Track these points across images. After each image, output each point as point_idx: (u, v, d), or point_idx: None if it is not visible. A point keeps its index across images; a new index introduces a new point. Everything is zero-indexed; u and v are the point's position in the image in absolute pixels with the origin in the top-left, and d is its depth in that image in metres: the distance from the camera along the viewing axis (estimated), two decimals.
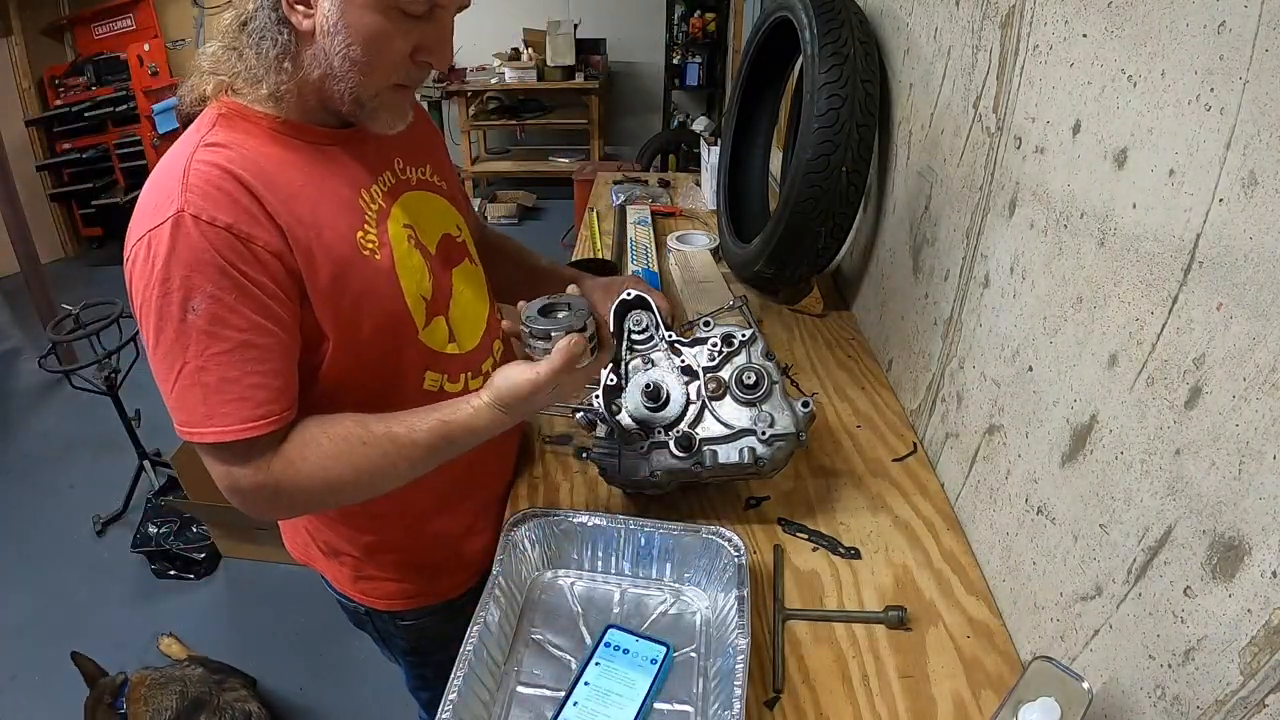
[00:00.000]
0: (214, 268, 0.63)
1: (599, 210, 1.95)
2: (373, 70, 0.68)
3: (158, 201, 0.64)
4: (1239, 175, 0.47)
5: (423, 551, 0.91)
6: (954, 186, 0.96)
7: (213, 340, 0.64)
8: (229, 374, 0.64)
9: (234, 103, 0.70)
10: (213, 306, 0.63)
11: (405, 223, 0.79)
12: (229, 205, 0.64)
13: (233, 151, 0.67)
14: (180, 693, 1.47)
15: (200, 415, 0.65)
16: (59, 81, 4.23)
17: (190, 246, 0.62)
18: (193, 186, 0.63)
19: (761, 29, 1.46)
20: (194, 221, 0.62)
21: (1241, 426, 0.47)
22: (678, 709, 0.69)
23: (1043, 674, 0.57)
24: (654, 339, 0.90)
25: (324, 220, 0.70)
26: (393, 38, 0.67)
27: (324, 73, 0.68)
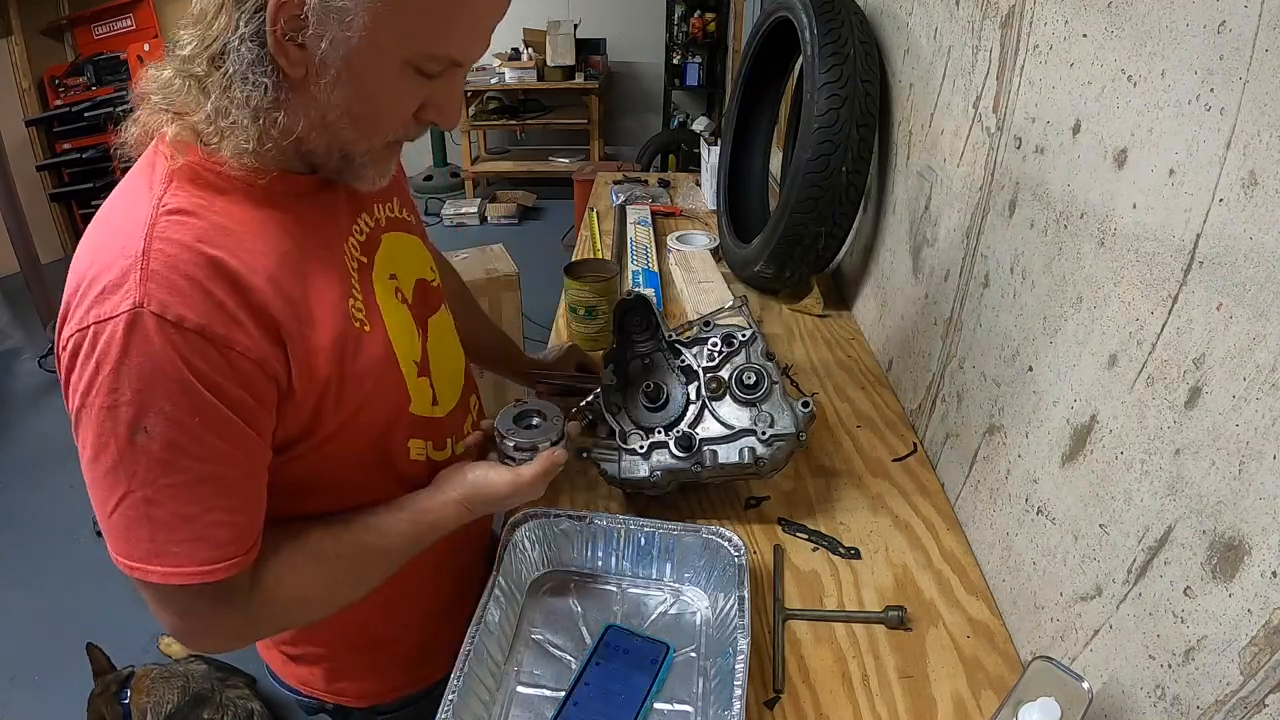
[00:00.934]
0: (176, 383, 0.50)
1: (599, 210, 1.95)
2: (375, 129, 0.59)
3: (107, 282, 0.50)
4: (1239, 175, 0.47)
5: (407, 638, 0.83)
6: (954, 186, 0.96)
7: (167, 470, 0.52)
8: (185, 510, 0.53)
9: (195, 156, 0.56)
10: (170, 431, 0.51)
11: (389, 273, 0.69)
12: (201, 300, 0.51)
13: (201, 222, 0.54)
14: (182, 687, 1.48)
15: (144, 550, 0.53)
16: (59, 81, 4.23)
17: (148, 354, 0.49)
18: (154, 274, 0.50)
19: (761, 29, 1.46)
20: (156, 323, 0.49)
21: (1241, 426, 0.47)
22: (678, 709, 0.69)
23: (1043, 674, 0.57)
24: (654, 339, 0.90)
25: (314, 296, 0.59)
26: (403, 98, 0.57)
27: (311, 125, 0.56)
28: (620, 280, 1.43)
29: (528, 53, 4.88)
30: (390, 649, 0.83)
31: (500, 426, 0.73)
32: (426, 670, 0.85)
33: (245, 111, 0.54)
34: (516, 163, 5.26)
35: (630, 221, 1.80)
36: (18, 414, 2.97)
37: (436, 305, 0.78)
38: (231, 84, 0.54)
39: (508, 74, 4.78)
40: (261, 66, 0.53)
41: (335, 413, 0.62)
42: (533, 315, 2.52)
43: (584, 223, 1.90)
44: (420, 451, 0.74)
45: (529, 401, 0.77)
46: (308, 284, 0.59)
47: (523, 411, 0.75)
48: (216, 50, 0.53)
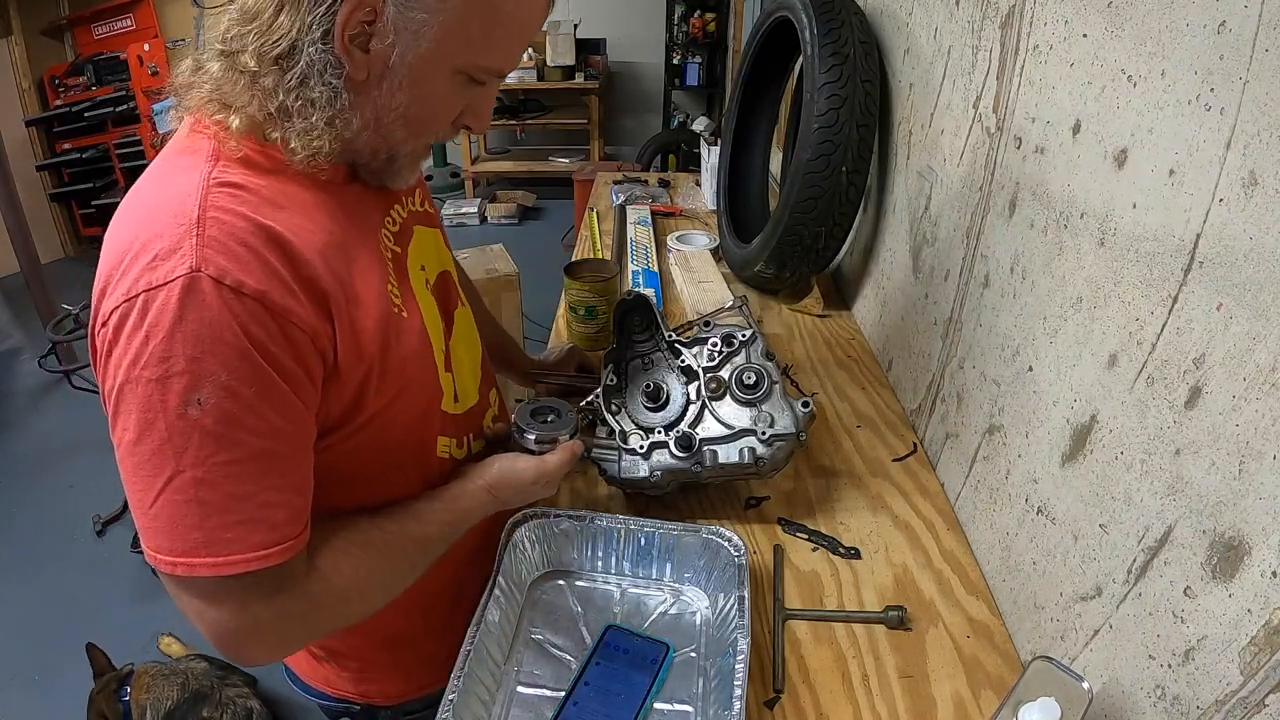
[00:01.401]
0: (234, 350, 0.49)
1: (599, 210, 1.95)
2: (422, 131, 0.61)
3: (156, 250, 0.48)
4: (1239, 175, 0.47)
5: (432, 637, 0.81)
6: (954, 186, 0.96)
7: (220, 446, 0.49)
8: (238, 489, 0.50)
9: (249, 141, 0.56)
10: (225, 403, 0.49)
11: (420, 264, 0.70)
12: (260, 268, 0.50)
13: (253, 196, 0.53)
14: (182, 684, 1.49)
15: (193, 541, 0.50)
16: (59, 81, 4.23)
17: (206, 320, 0.48)
18: (211, 239, 0.49)
19: (761, 29, 1.46)
20: (214, 287, 0.48)
21: (1241, 426, 0.47)
22: (678, 709, 0.69)
23: (1043, 674, 0.57)
24: (654, 339, 0.90)
25: (359, 277, 0.59)
26: (452, 102, 0.60)
27: (364, 125, 0.58)
28: (620, 280, 1.43)
29: (528, 53, 4.88)
30: (416, 648, 0.83)
31: (519, 422, 0.77)
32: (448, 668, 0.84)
33: (319, 112, 0.55)
34: (516, 163, 5.27)
35: (630, 221, 1.80)
36: (18, 414, 2.97)
37: (456, 301, 0.79)
38: (305, 84, 0.54)
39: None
40: (335, 69, 0.54)
41: (376, 396, 0.61)
42: (533, 315, 2.53)
43: (584, 223, 1.90)
44: (446, 449, 0.74)
45: (541, 400, 0.81)
46: (353, 265, 0.59)
47: (537, 408, 0.79)
48: (282, 50, 0.53)
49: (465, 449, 0.78)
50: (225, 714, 1.48)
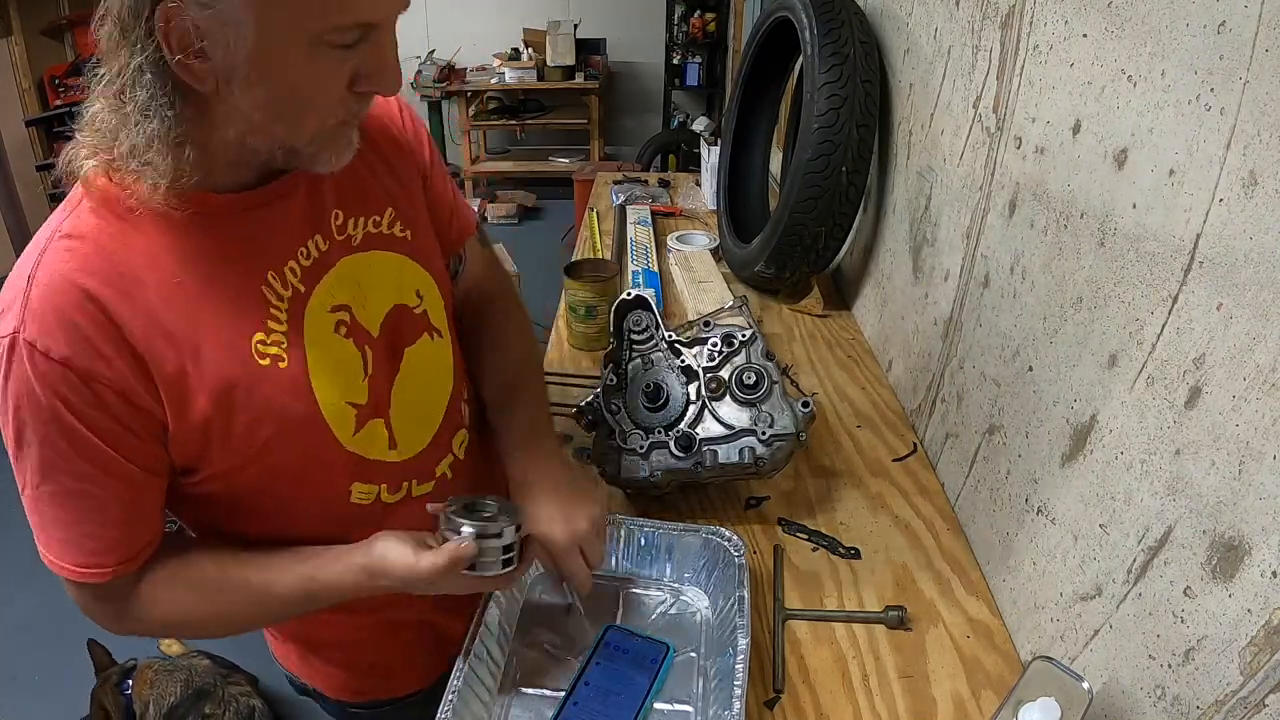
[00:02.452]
0: (45, 409, 0.53)
1: (599, 210, 1.95)
2: (306, 116, 0.55)
3: (6, 304, 0.54)
4: (1239, 175, 0.47)
5: (371, 649, 0.81)
6: (954, 186, 0.96)
7: (45, 478, 0.56)
8: (60, 516, 0.58)
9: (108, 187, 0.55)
10: (43, 449, 0.55)
11: (336, 304, 0.65)
12: (68, 332, 0.52)
13: (88, 248, 0.54)
14: (185, 681, 1.49)
15: (43, 540, 0.59)
16: (59, 81, 4.23)
17: (21, 378, 0.53)
18: (32, 303, 0.52)
19: (761, 29, 1.46)
20: (28, 349, 0.52)
21: (1241, 426, 0.47)
22: (678, 709, 0.69)
23: (1043, 674, 0.57)
24: (654, 339, 0.90)
25: (205, 330, 0.57)
26: (325, 76, 0.53)
27: (241, 132, 0.54)
28: (620, 280, 1.43)
29: (528, 53, 4.88)
30: (346, 653, 0.81)
31: (450, 501, 0.66)
32: (389, 683, 0.84)
33: (158, 147, 0.52)
34: (516, 163, 5.27)
35: (630, 221, 1.80)
36: None
37: (417, 334, 0.72)
38: (141, 119, 0.51)
39: (508, 74, 4.79)
40: (165, 95, 0.51)
41: (224, 453, 0.60)
42: (533, 315, 2.52)
43: (584, 223, 1.90)
44: (366, 495, 0.69)
45: (493, 498, 0.68)
46: (200, 319, 0.57)
47: (479, 503, 0.67)
48: (126, 83, 0.51)
49: (403, 493, 0.72)
50: (227, 711, 1.48)
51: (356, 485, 0.69)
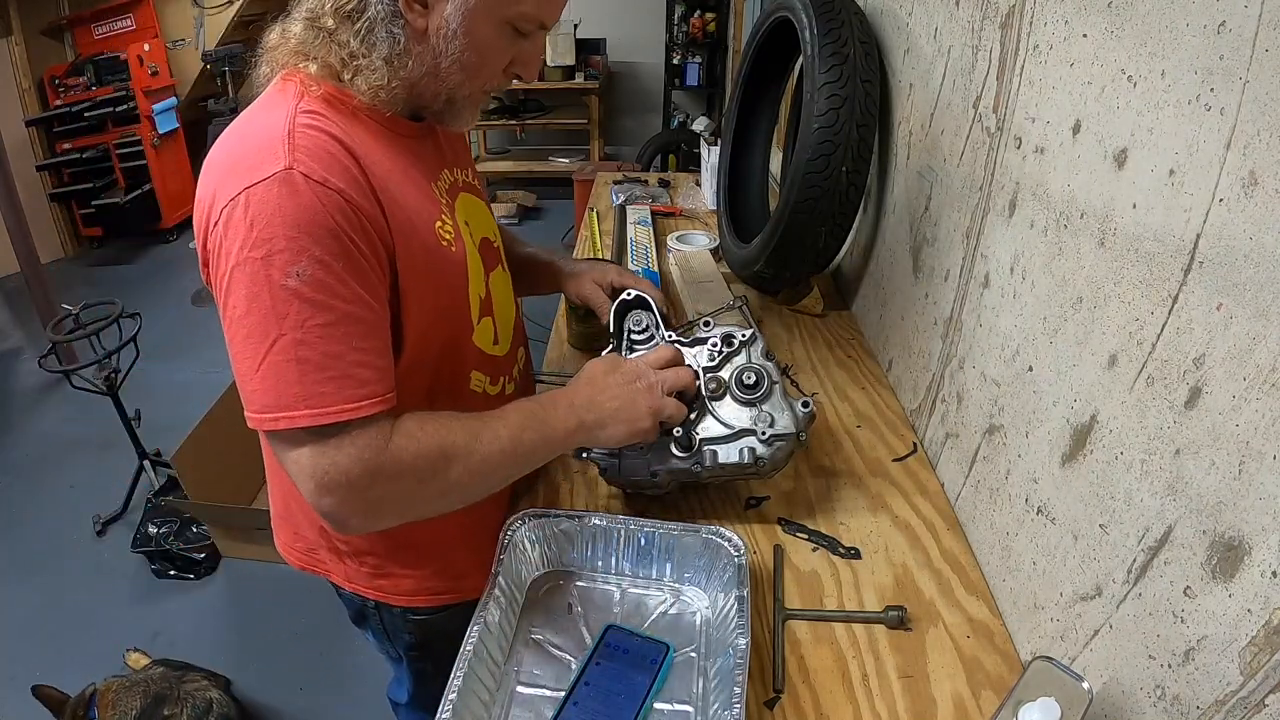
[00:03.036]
0: (326, 230, 0.59)
1: (599, 210, 1.95)
2: (476, 77, 0.70)
3: (254, 160, 0.59)
4: (1239, 175, 0.47)
5: (450, 548, 0.88)
6: (954, 186, 0.96)
7: (316, 310, 0.59)
8: (332, 349, 0.59)
9: (329, 88, 0.67)
10: (320, 273, 0.58)
11: (465, 219, 0.80)
12: (341, 170, 0.61)
13: (331, 123, 0.64)
14: (144, 692, 1.53)
15: (293, 395, 0.59)
16: (59, 81, 4.23)
17: (301, 206, 0.58)
18: (301, 146, 0.60)
19: (761, 29, 1.46)
20: (305, 180, 0.58)
21: (1241, 426, 0.47)
22: (678, 709, 0.69)
23: (1043, 674, 0.57)
24: (654, 339, 0.90)
25: (412, 204, 0.69)
26: (502, 51, 0.70)
27: (426, 72, 0.69)
28: None
29: None
30: (428, 556, 0.88)
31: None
32: (461, 584, 0.89)
33: (380, 56, 0.66)
34: (516, 163, 5.26)
35: (630, 221, 1.80)
36: (18, 414, 2.97)
37: (496, 263, 0.87)
38: (370, 34, 0.65)
39: None
40: (395, 20, 0.66)
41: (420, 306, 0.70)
42: (533, 315, 2.52)
43: (584, 223, 1.90)
44: (480, 384, 0.82)
45: None
46: (408, 196, 0.69)
47: None
48: (355, 7, 0.65)
49: (500, 388, 0.86)
50: (184, 709, 1.51)
51: (475, 373, 0.81)
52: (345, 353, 0.60)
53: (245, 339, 0.59)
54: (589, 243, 1.77)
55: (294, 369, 0.58)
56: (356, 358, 0.61)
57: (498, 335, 0.84)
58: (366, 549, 0.87)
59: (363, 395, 0.61)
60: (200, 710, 1.51)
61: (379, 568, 0.88)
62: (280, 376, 0.59)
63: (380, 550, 0.87)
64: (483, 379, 0.83)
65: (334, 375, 0.59)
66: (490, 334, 0.83)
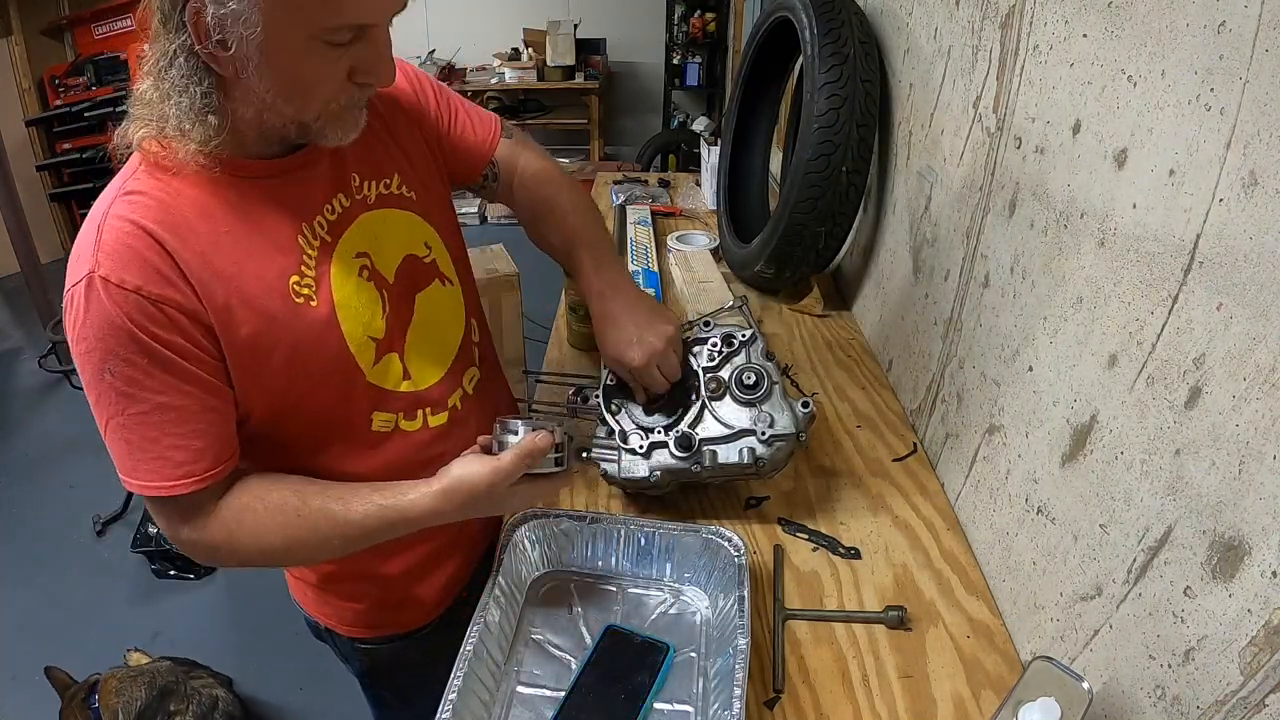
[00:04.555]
0: (124, 333, 0.61)
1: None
2: (309, 102, 0.64)
3: (78, 255, 0.62)
4: (1239, 175, 0.47)
5: (381, 587, 0.87)
6: (954, 186, 0.96)
7: (130, 401, 0.63)
8: (147, 434, 0.64)
9: (159, 151, 0.64)
10: (127, 370, 0.62)
11: (359, 251, 0.74)
12: (138, 265, 0.61)
13: (150, 200, 0.63)
14: (149, 684, 1.53)
15: (128, 467, 0.65)
16: (59, 81, 4.23)
17: (100, 311, 0.60)
18: (104, 245, 0.61)
19: (761, 29, 1.46)
20: (103, 285, 0.60)
21: (1241, 426, 0.47)
22: (678, 709, 0.69)
23: (1043, 674, 0.57)
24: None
25: (248, 271, 0.66)
26: (323, 69, 0.62)
27: (259, 109, 0.64)
28: None
29: (528, 53, 4.89)
30: (365, 590, 0.88)
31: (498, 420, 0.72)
32: (403, 618, 0.90)
33: (191, 115, 0.62)
34: None
35: (630, 221, 1.80)
36: (18, 414, 2.97)
37: (428, 281, 0.82)
38: (180, 94, 0.62)
39: (508, 74, 4.79)
40: (195, 75, 0.61)
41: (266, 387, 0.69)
42: (533, 315, 2.52)
43: None
44: (386, 423, 0.78)
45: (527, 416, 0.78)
46: (243, 261, 0.66)
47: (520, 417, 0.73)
48: (163, 66, 0.62)
49: (420, 421, 0.80)
50: (191, 705, 1.51)
51: (376, 414, 0.77)
52: (160, 438, 0.64)
53: (94, 411, 0.65)
54: None
55: (123, 447, 0.65)
56: (171, 441, 0.64)
57: (408, 370, 0.78)
58: (304, 573, 0.88)
59: (179, 475, 0.65)
60: (206, 707, 1.51)
61: (321, 593, 0.89)
62: (116, 449, 0.65)
63: (315, 578, 0.88)
64: (389, 417, 0.78)
65: (151, 457, 0.64)
66: (396, 370, 0.77)
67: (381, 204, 0.78)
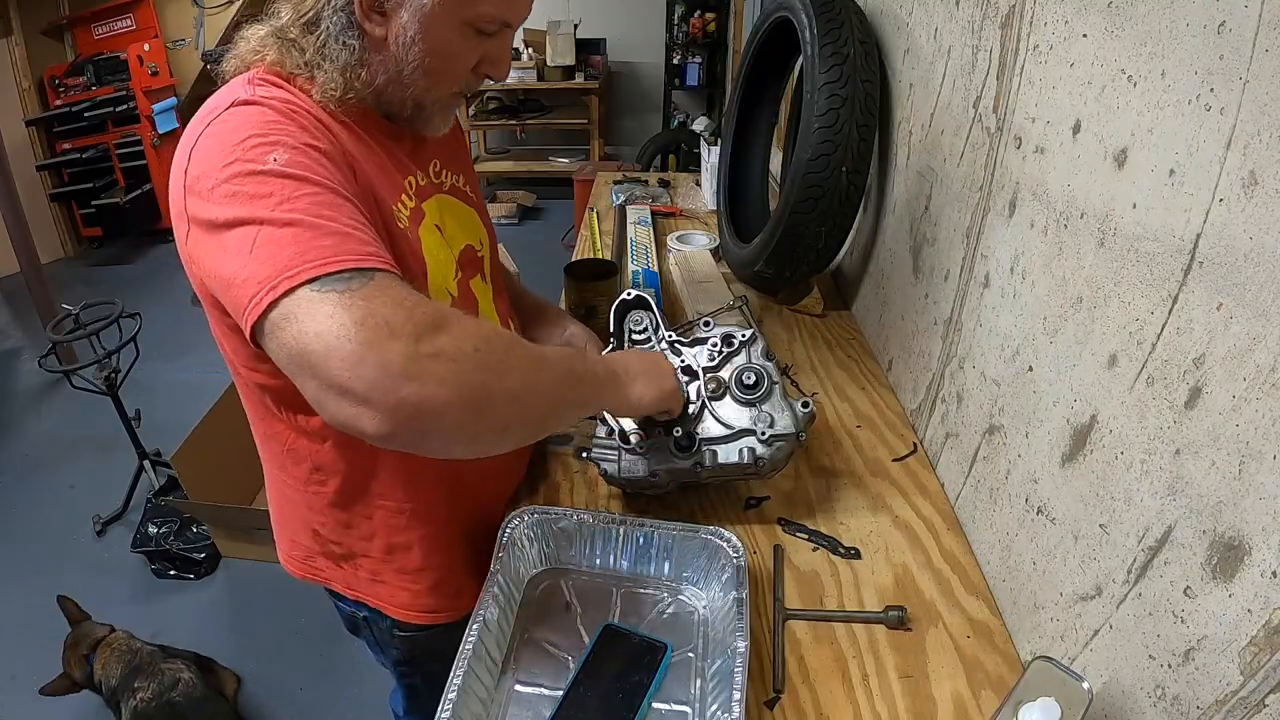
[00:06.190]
0: (295, 125, 0.60)
1: (599, 210, 1.95)
2: (441, 81, 0.70)
3: (217, 103, 0.61)
4: (1239, 175, 0.47)
5: (445, 559, 0.86)
6: (954, 186, 0.96)
7: (301, 184, 0.56)
8: (325, 213, 0.55)
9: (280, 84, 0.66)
10: (296, 155, 0.57)
11: (435, 222, 0.78)
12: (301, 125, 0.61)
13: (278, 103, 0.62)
14: (127, 662, 1.66)
15: (290, 257, 0.52)
16: (59, 81, 4.23)
17: (270, 110, 0.60)
18: (260, 97, 0.61)
19: (761, 29, 1.46)
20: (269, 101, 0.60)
21: (1241, 426, 0.47)
22: (675, 709, 0.69)
23: (1043, 674, 0.57)
24: (654, 339, 0.90)
25: (374, 180, 0.68)
26: (465, 53, 0.69)
27: (389, 79, 0.68)
28: (620, 280, 1.43)
29: (528, 53, 4.88)
30: (425, 567, 0.86)
31: None
32: (456, 601, 0.88)
33: (335, 67, 0.66)
34: (516, 163, 5.26)
35: (630, 221, 1.80)
36: (18, 414, 2.97)
37: (476, 271, 0.86)
38: (325, 45, 0.66)
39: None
40: (350, 31, 0.65)
41: None
42: None
43: (584, 223, 1.90)
44: None
45: None
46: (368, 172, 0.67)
47: None
48: (311, 18, 0.66)
49: None
50: (154, 682, 1.61)
51: None
52: (336, 215, 0.55)
53: (237, 243, 0.53)
54: (589, 243, 1.77)
55: (289, 236, 0.53)
56: (350, 223, 0.56)
57: None
58: (360, 550, 0.85)
59: (367, 252, 0.54)
60: (165, 687, 1.61)
61: (376, 574, 0.86)
62: (275, 248, 0.52)
63: (376, 553, 0.85)
64: None
65: (333, 232, 0.54)
66: None
67: (453, 192, 0.84)
